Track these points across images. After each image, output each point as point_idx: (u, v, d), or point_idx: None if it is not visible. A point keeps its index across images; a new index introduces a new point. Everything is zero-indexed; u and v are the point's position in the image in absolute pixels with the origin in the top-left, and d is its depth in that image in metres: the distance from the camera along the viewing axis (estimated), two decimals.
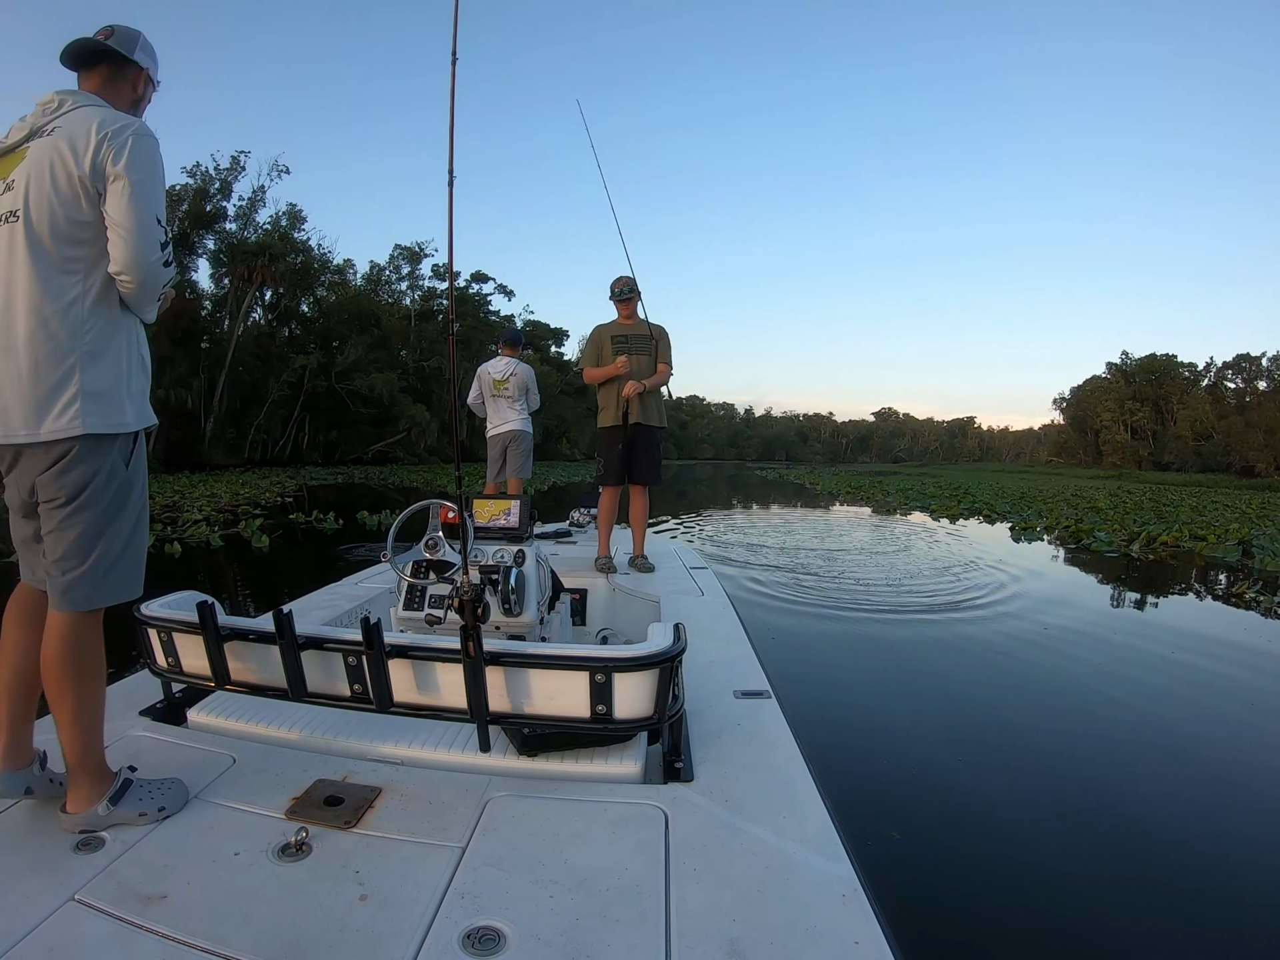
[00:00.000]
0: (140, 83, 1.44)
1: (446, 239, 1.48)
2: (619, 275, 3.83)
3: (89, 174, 1.23)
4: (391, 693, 1.45)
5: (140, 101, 1.46)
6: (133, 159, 1.25)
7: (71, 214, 1.24)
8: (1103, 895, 1.99)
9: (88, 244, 1.26)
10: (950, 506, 15.75)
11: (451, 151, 1.44)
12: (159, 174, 1.30)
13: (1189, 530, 10.75)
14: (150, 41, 1.45)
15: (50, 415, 1.22)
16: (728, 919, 1.05)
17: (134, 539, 1.34)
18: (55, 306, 1.23)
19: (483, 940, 1.00)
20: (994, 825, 2.36)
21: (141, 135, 1.28)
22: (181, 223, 27.71)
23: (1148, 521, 12.43)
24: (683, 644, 1.44)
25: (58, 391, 1.22)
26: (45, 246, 1.24)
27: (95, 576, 1.27)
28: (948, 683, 3.80)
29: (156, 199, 1.28)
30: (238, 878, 1.13)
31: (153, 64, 1.46)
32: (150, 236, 1.25)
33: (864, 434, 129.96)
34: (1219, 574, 7.75)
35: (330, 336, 33.31)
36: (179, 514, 10.23)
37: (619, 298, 3.83)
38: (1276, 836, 2.31)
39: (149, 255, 1.25)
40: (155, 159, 1.30)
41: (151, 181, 1.27)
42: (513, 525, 2.54)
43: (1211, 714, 3.48)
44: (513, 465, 5.59)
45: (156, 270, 1.26)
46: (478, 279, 45.34)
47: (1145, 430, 60.75)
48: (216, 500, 12.92)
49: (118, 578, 1.31)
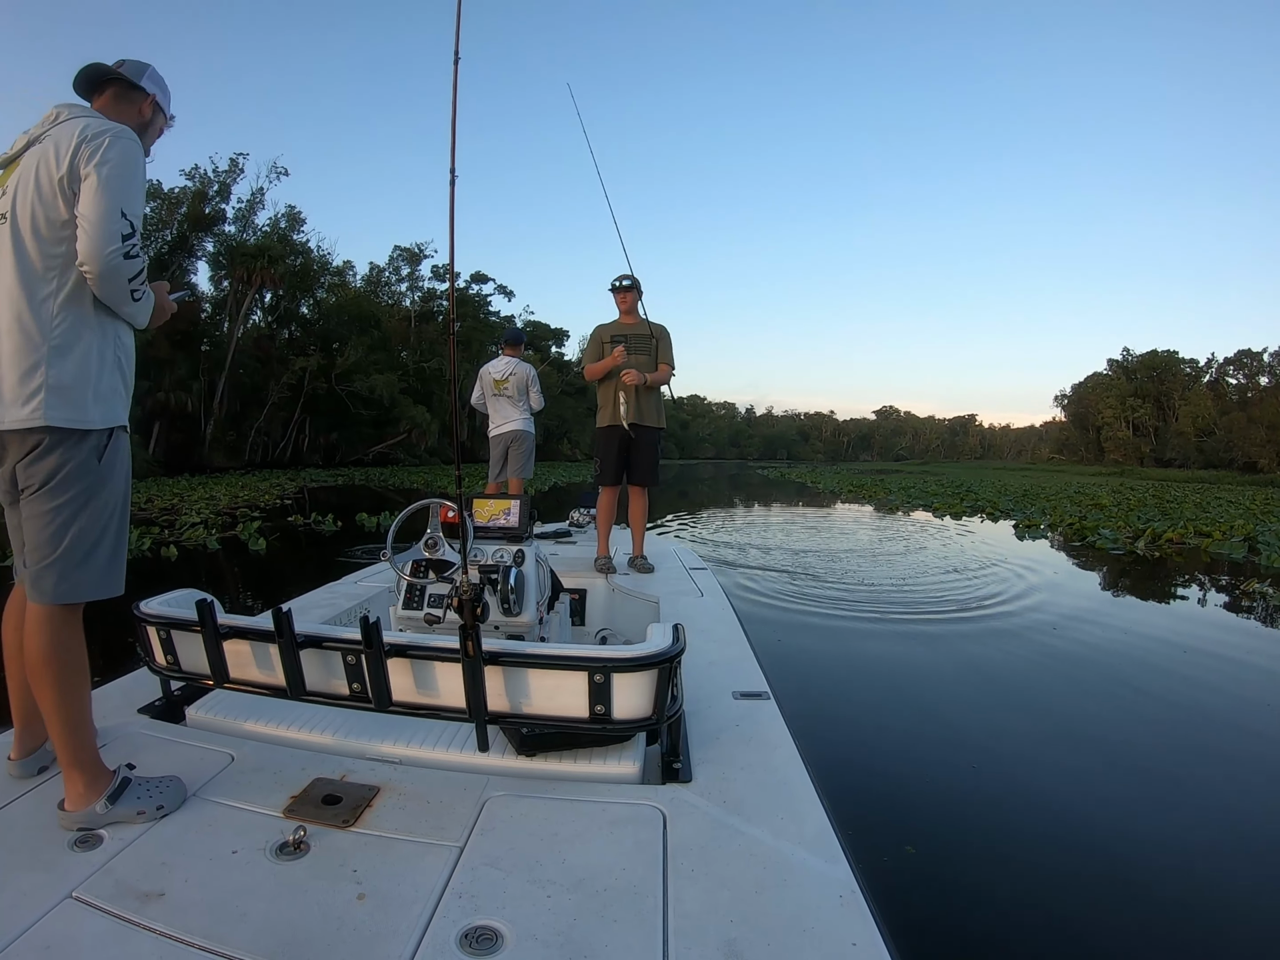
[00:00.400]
0: (147, 108, 1.49)
1: (448, 239, 1.48)
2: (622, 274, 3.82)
3: (66, 175, 1.28)
4: (390, 692, 1.45)
5: (147, 126, 1.50)
6: (105, 157, 1.29)
7: (50, 214, 1.30)
8: (1103, 897, 1.99)
9: (65, 242, 1.30)
10: (953, 505, 15.68)
11: (453, 151, 1.44)
12: (132, 171, 1.33)
13: (1194, 527, 10.65)
14: (162, 75, 1.51)
15: (18, 404, 1.27)
16: (725, 919, 1.05)
17: (107, 535, 1.36)
18: (30, 302, 1.29)
19: (480, 940, 1.00)
20: (993, 827, 2.36)
21: (119, 137, 1.32)
22: (180, 225, 27.69)
23: (1152, 518, 12.34)
24: (682, 645, 1.44)
25: (26, 382, 1.27)
26: (27, 246, 1.29)
27: (64, 568, 1.30)
28: (948, 683, 3.79)
29: (125, 193, 1.30)
30: (236, 876, 1.13)
31: (161, 93, 1.51)
32: (110, 227, 1.27)
33: (865, 432, 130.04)
34: (1225, 570, 7.68)
35: (330, 338, 33.26)
36: (177, 516, 10.17)
37: (618, 288, 3.79)
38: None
39: (107, 245, 1.26)
40: (130, 157, 1.33)
41: (121, 177, 1.30)
42: (512, 525, 2.55)
43: (1221, 714, 3.45)
44: (514, 465, 5.58)
45: (116, 261, 1.28)
46: (477, 279, 45.28)
47: (1147, 427, 60.59)
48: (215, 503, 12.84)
49: (89, 573, 1.33)
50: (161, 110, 1.53)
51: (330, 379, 31.17)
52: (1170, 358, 62.96)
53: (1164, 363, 62.67)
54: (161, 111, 1.53)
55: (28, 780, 1.42)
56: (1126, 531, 10.32)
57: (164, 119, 1.56)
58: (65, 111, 1.37)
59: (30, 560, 1.32)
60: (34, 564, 1.31)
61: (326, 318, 34.37)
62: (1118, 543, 9.29)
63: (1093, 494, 19.91)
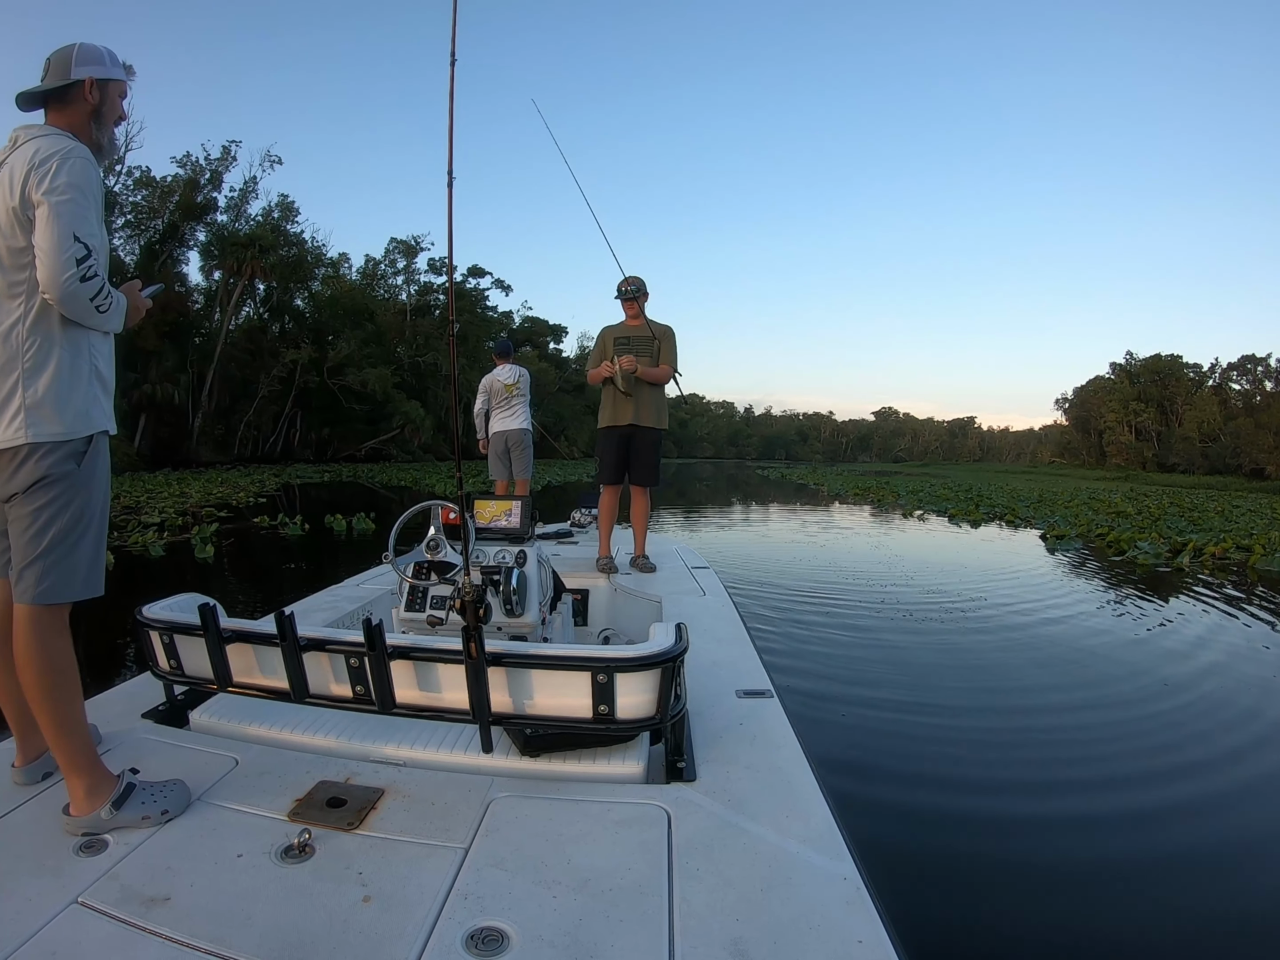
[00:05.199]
0: (90, 91, 1.45)
1: (444, 235, 1.46)
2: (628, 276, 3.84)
3: (20, 204, 1.31)
4: (394, 694, 1.45)
5: (101, 106, 1.47)
6: (53, 182, 1.31)
7: (10, 243, 1.33)
8: (1109, 895, 1.99)
9: (28, 268, 1.33)
10: (970, 510, 14.94)
11: (451, 153, 1.43)
12: (81, 191, 1.34)
13: (1232, 539, 9.95)
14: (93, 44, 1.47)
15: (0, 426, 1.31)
16: (731, 918, 1.05)
17: (87, 537, 1.39)
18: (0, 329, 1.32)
19: (486, 941, 1.00)
20: (1000, 826, 2.36)
21: (68, 158, 1.33)
22: (171, 215, 27.38)
23: (1184, 529, 11.69)
24: (685, 644, 1.44)
25: (5, 405, 1.32)
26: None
27: (45, 568, 1.33)
28: (959, 688, 3.77)
29: (76, 215, 1.31)
30: (241, 880, 1.13)
31: (98, 66, 1.46)
32: (64, 255, 1.29)
33: (864, 433, 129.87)
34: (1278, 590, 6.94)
35: (324, 331, 33.04)
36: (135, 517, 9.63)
37: (624, 296, 3.85)
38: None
39: (63, 273, 1.29)
40: (78, 178, 1.33)
41: (71, 200, 1.31)
42: (514, 526, 2.55)
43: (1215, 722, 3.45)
44: (518, 466, 5.86)
45: (73, 286, 1.30)
46: (474, 273, 44.98)
47: (1150, 431, 60.46)
48: (184, 501, 12.27)
49: (71, 573, 1.36)
50: (108, 81, 1.48)
51: (322, 372, 30.89)
52: (1174, 362, 62.60)
53: (1168, 367, 62.38)
54: (109, 81, 1.48)
55: (32, 787, 1.41)
56: (1163, 544, 9.58)
57: (118, 84, 1.50)
58: (22, 134, 1.39)
59: (14, 562, 1.35)
60: (17, 565, 1.34)
61: (320, 310, 34.12)
62: (1159, 558, 8.60)
63: (1107, 500, 19.31)
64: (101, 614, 1.59)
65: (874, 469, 61.07)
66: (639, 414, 3.79)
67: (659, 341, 3.83)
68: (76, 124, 1.44)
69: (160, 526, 8.98)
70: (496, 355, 6.15)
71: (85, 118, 1.46)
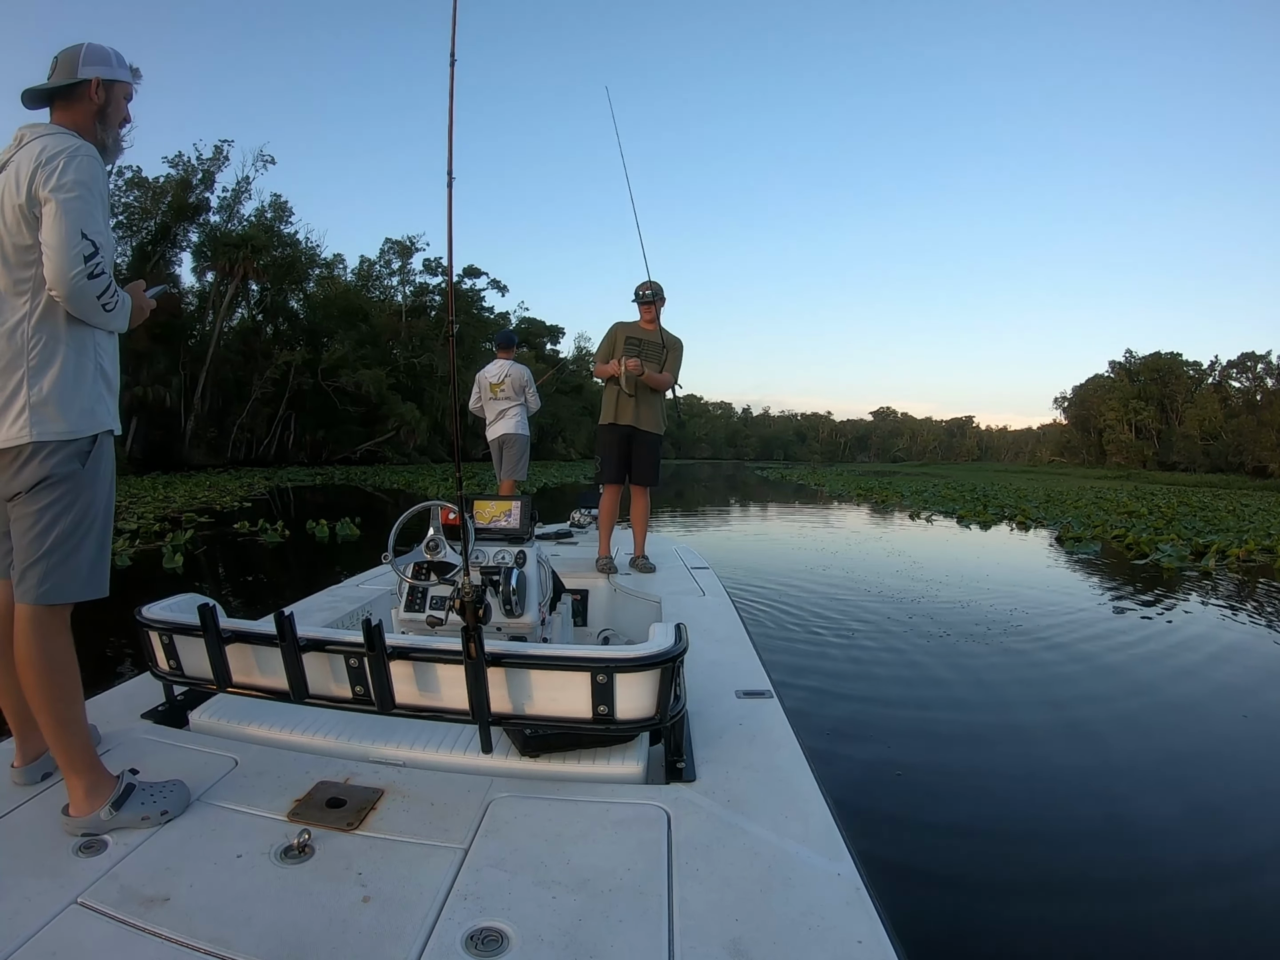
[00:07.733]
0: (95, 90, 1.46)
1: (440, 235, 1.47)
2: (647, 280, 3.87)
3: (26, 201, 1.32)
4: (393, 694, 1.45)
5: (106, 107, 1.48)
6: (61, 179, 1.31)
7: (16, 240, 1.33)
8: (1110, 894, 1.99)
9: (34, 266, 1.33)
10: (979, 512, 14.53)
11: (450, 154, 1.43)
12: (88, 189, 1.34)
13: (1254, 541, 9.67)
14: (101, 45, 1.48)
15: (3, 425, 1.31)
16: (730, 918, 1.05)
17: (91, 537, 1.38)
18: (5, 326, 1.33)
19: (486, 941, 1.00)
20: (1000, 827, 2.37)
21: (75, 155, 1.34)
22: (164, 215, 27.15)
23: (1202, 530, 11.39)
24: (684, 644, 1.44)
25: (10, 403, 1.31)
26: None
27: (48, 568, 1.32)
28: (961, 691, 3.76)
29: (83, 213, 1.32)
30: (240, 880, 1.13)
31: (104, 66, 1.47)
32: (72, 252, 1.30)
33: (862, 433, 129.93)
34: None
35: (318, 333, 32.79)
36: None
37: (641, 300, 3.89)
38: None
39: (71, 269, 1.29)
40: (85, 175, 1.34)
41: (79, 198, 1.32)
42: (513, 526, 2.55)
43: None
44: (507, 467, 5.76)
45: (81, 283, 1.31)
46: (470, 274, 44.68)
47: (1150, 430, 60.38)
48: (167, 506, 11.72)
49: (73, 574, 1.35)
50: (114, 82, 1.49)
51: (317, 374, 30.64)
52: (1174, 360, 62.38)
53: (1167, 365, 62.17)
54: (114, 82, 1.49)
55: (31, 787, 1.41)
56: (1183, 546, 9.30)
57: (123, 86, 1.51)
58: (28, 133, 1.39)
59: (16, 562, 1.35)
60: (19, 565, 1.34)
61: (314, 311, 33.84)
62: (1183, 560, 8.28)
63: (1114, 499, 19.03)
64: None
65: (873, 469, 61.02)
66: (639, 417, 3.83)
67: (668, 351, 3.88)
68: (81, 123, 1.44)
69: (134, 534, 8.42)
70: (497, 347, 6.00)
71: (90, 117, 1.46)
